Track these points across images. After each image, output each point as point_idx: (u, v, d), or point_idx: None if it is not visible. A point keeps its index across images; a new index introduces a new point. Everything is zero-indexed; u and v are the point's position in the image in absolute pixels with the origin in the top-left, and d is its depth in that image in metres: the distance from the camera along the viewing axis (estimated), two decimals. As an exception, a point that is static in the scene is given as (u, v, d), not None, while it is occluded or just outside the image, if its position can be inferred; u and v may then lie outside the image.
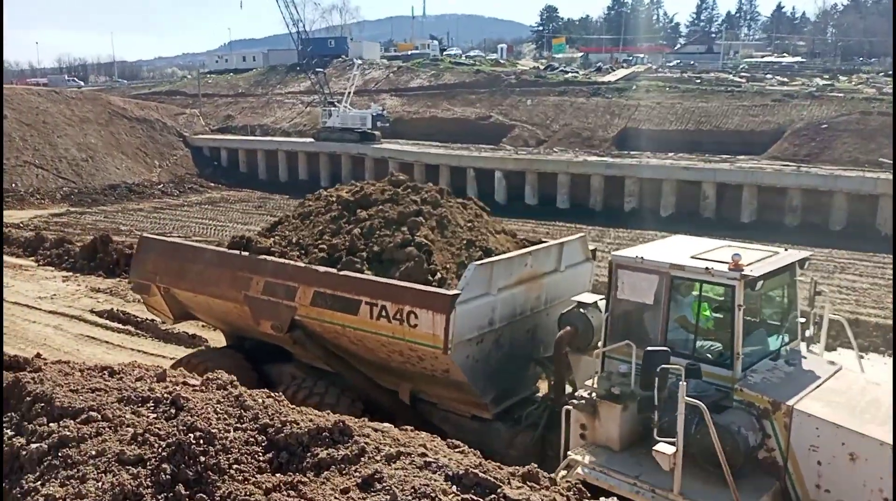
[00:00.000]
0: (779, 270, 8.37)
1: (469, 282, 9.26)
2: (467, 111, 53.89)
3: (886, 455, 6.83)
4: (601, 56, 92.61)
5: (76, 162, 45.80)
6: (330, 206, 11.95)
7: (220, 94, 69.46)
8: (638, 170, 38.64)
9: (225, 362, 11.50)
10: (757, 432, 7.49)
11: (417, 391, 10.61)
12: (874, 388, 8.13)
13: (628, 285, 8.30)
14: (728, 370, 7.83)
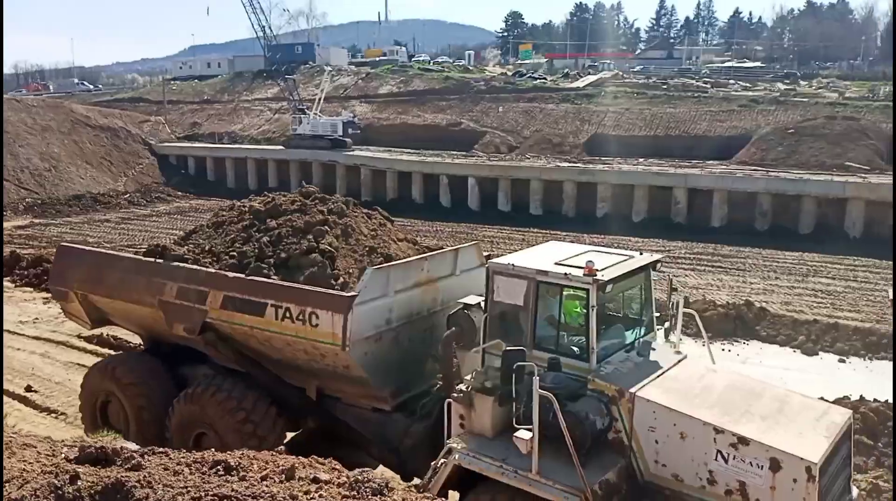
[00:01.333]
0: (630, 272, 9.34)
1: (367, 285, 10.02)
2: (438, 118, 53.82)
3: (709, 433, 7.91)
4: (566, 62, 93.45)
5: (39, 172, 44.68)
6: (242, 216, 12.66)
7: (185, 100, 68.37)
8: (610, 176, 39.02)
9: (142, 365, 12.50)
10: (605, 417, 8.43)
11: (323, 388, 11.26)
12: (711, 375, 9.27)
13: (502, 288, 9.25)
14: (585, 363, 8.78)
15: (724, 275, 27.55)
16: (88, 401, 12.79)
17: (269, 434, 11.01)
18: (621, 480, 8.33)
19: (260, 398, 11.11)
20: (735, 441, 7.79)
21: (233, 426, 10.89)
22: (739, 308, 21.64)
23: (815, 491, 7.42)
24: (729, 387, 8.90)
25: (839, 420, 8.47)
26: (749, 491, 7.76)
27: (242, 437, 10.74)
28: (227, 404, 10.97)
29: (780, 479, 7.57)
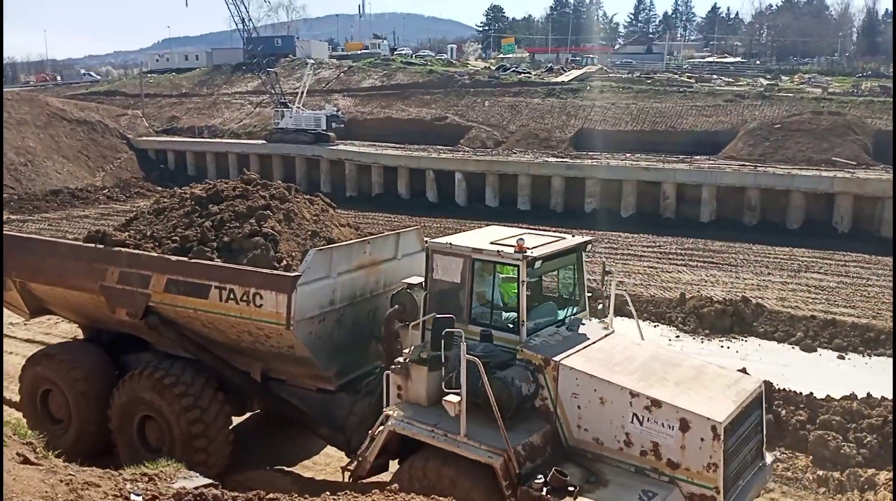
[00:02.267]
0: (560, 252, 9.93)
1: (310, 266, 10.24)
2: (422, 112, 53.26)
3: (625, 397, 8.48)
4: (548, 56, 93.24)
5: (14, 167, 43.42)
6: (184, 202, 12.82)
7: (162, 94, 67.12)
8: (598, 171, 38.76)
9: (85, 354, 12.46)
10: (531, 384, 8.92)
11: (268, 370, 11.50)
12: (635, 348, 9.93)
13: (441, 267, 9.76)
14: (516, 335, 9.31)
15: (716, 271, 27.43)
16: (28, 391, 12.66)
17: (216, 420, 11.15)
18: (545, 443, 8.83)
19: (207, 383, 11.23)
20: (649, 404, 8.35)
21: (179, 410, 10.95)
22: (736, 305, 21.49)
23: (721, 449, 7.99)
24: (650, 358, 9.56)
25: (749, 388, 9.16)
26: (661, 451, 8.32)
27: (188, 422, 10.89)
28: (174, 388, 11.00)
29: (689, 438, 8.14)
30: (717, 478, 8.05)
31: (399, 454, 9.43)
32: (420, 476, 8.78)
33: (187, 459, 10.12)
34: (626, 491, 8.25)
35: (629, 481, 8.42)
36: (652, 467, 8.43)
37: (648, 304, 22.48)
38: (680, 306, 22.23)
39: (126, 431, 11.60)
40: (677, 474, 8.27)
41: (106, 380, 11.97)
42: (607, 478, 8.50)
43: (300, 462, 12.67)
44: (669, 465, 8.32)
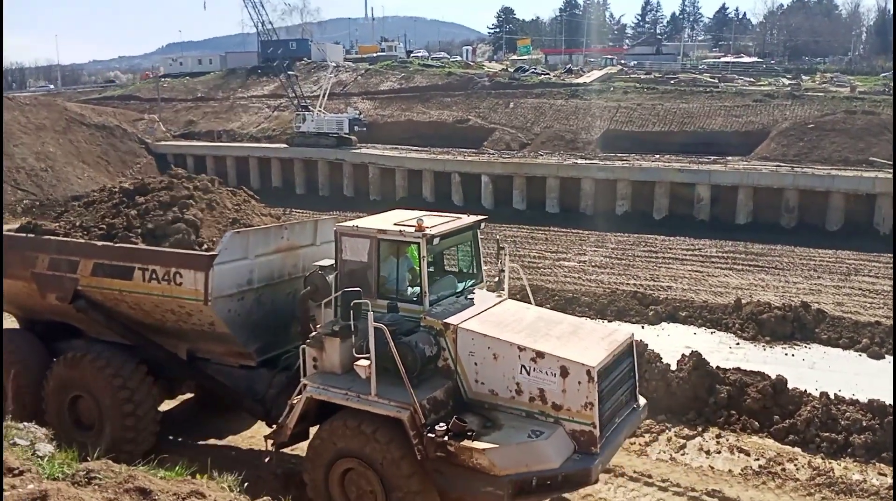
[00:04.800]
0: (456, 230, 10.84)
1: (226, 247, 10.98)
2: (444, 114, 52.69)
3: (514, 351, 9.50)
4: (561, 58, 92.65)
5: (35, 172, 43.01)
6: (112, 196, 13.76)
7: (177, 98, 66.62)
8: (630, 172, 38.14)
9: (18, 340, 13.08)
10: (433, 346, 9.83)
11: (194, 350, 12.22)
12: (524, 311, 11.06)
13: (349, 248, 10.50)
14: (419, 306, 10.19)
15: (763, 275, 26.77)
16: None
17: (145, 400, 11.87)
18: (447, 397, 9.77)
19: (136, 365, 11.92)
20: (534, 356, 9.39)
21: (109, 391, 11.62)
22: (796, 310, 20.78)
23: (595, 390, 9.10)
24: (536, 319, 10.69)
25: (620, 339, 10.34)
26: (546, 396, 9.38)
27: (119, 402, 11.57)
28: (105, 370, 11.70)
29: (569, 382, 9.22)
30: (593, 415, 9.18)
31: (317, 421, 10.25)
32: (339, 435, 9.70)
33: (117, 437, 11.47)
34: (518, 432, 9.31)
35: (520, 424, 9.46)
36: (539, 410, 9.47)
37: (703, 310, 21.78)
38: (736, 312, 21.52)
39: (58, 411, 12.24)
40: (560, 414, 9.36)
41: (39, 365, 12.57)
42: (502, 423, 9.53)
43: (229, 435, 13.54)
44: (554, 407, 9.38)
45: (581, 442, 9.25)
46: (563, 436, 9.26)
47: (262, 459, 10.80)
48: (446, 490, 9.42)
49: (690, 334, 20.53)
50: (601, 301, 22.21)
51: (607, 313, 21.63)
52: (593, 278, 25.92)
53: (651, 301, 22.40)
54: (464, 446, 9.07)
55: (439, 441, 9.08)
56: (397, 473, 9.38)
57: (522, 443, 9.12)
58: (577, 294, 22.94)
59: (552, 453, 9.08)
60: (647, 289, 24.28)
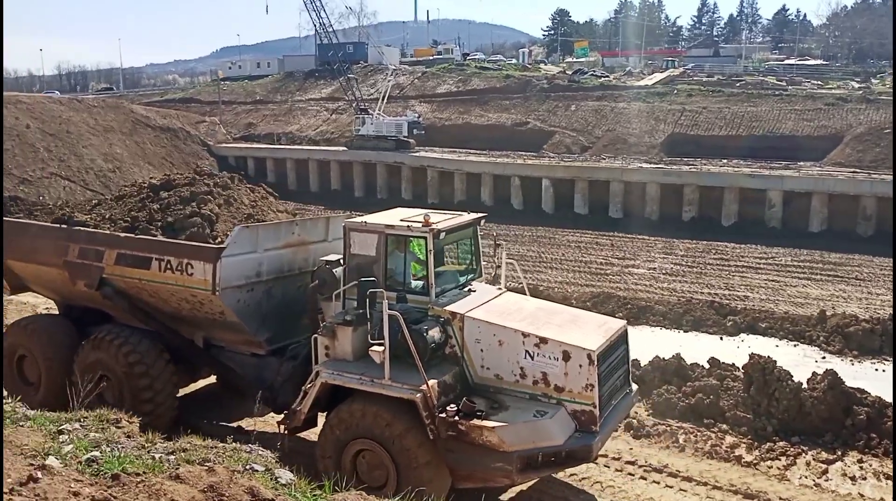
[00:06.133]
0: (460, 226, 11.35)
1: (235, 240, 11.55)
2: (502, 117, 52.27)
3: (519, 338, 10.08)
4: (618, 60, 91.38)
5: (103, 173, 43.99)
6: (141, 190, 14.72)
7: (237, 101, 67.63)
8: (698, 177, 37.18)
9: (54, 325, 14.15)
10: (441, 334, 10.33)
11: (209, 338, 12.83)
12: (524, 302, 11.69)
13: (358, 242, 10.95)
14: (426, 297, 10.65)
15: (844, 285, 25.68)
16: (6, 357, 14.00)
17: (164, 383, 12.47)
18: (455, 382, 10.30)
19: (154, 345, 12.55)
20: (538, 342, 9.96)
21: (127, 368, 12.25)
22: (885, 324, 19.78)
23: (595, 372, 9.68)
24: (536, 309, 11.33)
25: (615, 326, 10.99)
26: (549, 379, 9.93)
27: (136, 378, 12.20)
28: (123, 348, 12.36)
29: (571, 366, 9.78)
30: (593, 396, 9.74)
31: (327, 407, 10.73)
32: (351, 417, 10.13)
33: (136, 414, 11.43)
34: (523, 412, 9.87)
35: (525, 405, 10.01)
36: (543, 393, 10.02)
37: (784, 321, 20.88)
38: (820, 324, 20.59)
39: (84, 391, 12.60)
40: (563, 396, 9.90)
41: (71, 348, 13.23)
42: (508, 404, 10.07)
43: (241, 419, 13.89)
44: (556, 389, 9.92)
45: (582, 421, 9.87)
46: (566, 416, 9.86)
47: (276, 442, 10.81)
48: (457, 467, 9.95)
49: (772, 346, 19.67)
50: (676, 310, 21.50)
51: (683, 323, 20.92)
52: (665, 287, 25.20)
53: (728, 311, 21.60)
54: (474, 424, 9.62)
55: (450, 421, 9.65)
56: (409, 452, 9.84)
57: (529, 421, 9.73)
58: (650, 303, 22.30)
59: (556, 430, 9.69)
60: (722, 298, 23.48)
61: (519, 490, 11.37)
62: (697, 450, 12.82)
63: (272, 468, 5.77)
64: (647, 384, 15.05)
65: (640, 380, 15.12)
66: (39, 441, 5.15)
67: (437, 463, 9.90)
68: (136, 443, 5.56)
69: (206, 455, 5.51)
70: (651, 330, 20.69)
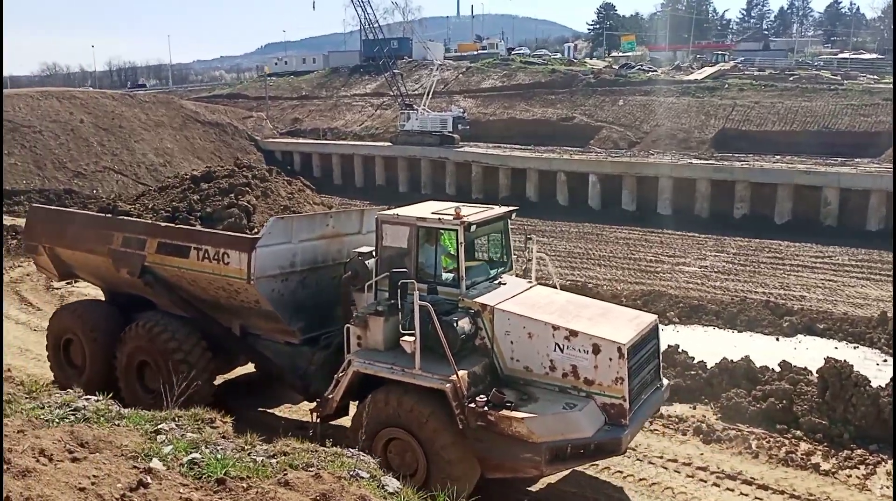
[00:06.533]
0: (490, 219, 11.44)
1: (269, 231, 11.79)
2: (547, 112, 51.83)
3: (549, 330, 10.06)
4: (665, 54, 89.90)
5: (154, 167, 44.81)
6: (183, 182, 15.24)
7: (283, 96, 68.33)
8: (750, 174, 36.29)
9: (100, 311, 14.62)
10: (471, 325, 10.44)
11: (246, 326, 13.08)
12: (555, 294, 11.73)
13: (390, 235, 11.10)
14: (456, 289, 10.74)
15: (907, 286, 24.78)
16: (53, 340, 14.72)
17: (198, 362, 12.71)
18: (485, 373, 10.36)
19: (192, 333, 12.88)
20: (568, 335, 9.95)
21: (166, 354, 12.61)
22: (951, 326, 19.05)
23: (625, 366, 9.65)
24: (566, 302, 11.32)
25: (647, 320, 10.88)
26: (579, 372, 9.93)
27: (174, 364, 12.44)
28: (163, 335, 12.75)
29: (601, 359, 9.77)
30: (623, 389, 9.70)
31: (358, 396, 10.85)
32: (382, 406, 10.23)
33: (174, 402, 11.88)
34: (553, 404, 9.86)
35: (555, 397, 10.00)
36: (572, 386, 10.00)
37: (843, 323, 20.23)
38: (881, 326, 19.91)
39: (127, 375, 13.34)
40: (592, 389, 9.88)
41: (115, 333, 13.64)
42: (537, 396, 10.08)
43: (278, 406, 14.49)
44: (586, 382, 9.91)
45: (611, 415, 9.83)
46: (595, 409, 9.85)
47: (307, 430, 10.97)
48: (487, 457, 9.98)
49: (831, 348, 19.08)
50: (730, 310, 21.00)
51: (737, 322, 20.42)
52: (718, 285, 24.66)
53: (785, 312, 21.01)
54: (503, 415, 9.66)
55: (480, 411, 9.69)
56: (439, 442, 9.93)
57: (558, 413, 9.73)
58: (703, 301, 21.84)
59: (586, 423, 9.69)
60: (778, 298, 22.88)
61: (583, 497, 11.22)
62: (772, 457, 12.38)
63: (377, 475, 5.71)
64: (714, 387, 14.72)
65: (707, 383, 14.87)
66: (138, 441, 5.16)
67: (466, 453, 9.98)
68: (235, 445, 5.53)
69: (308, 460, 5.46)
70: (704, 330, 20.25)
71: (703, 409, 14.24)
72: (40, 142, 42.40)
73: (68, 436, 4.71)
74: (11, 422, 5.00)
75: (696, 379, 15.05)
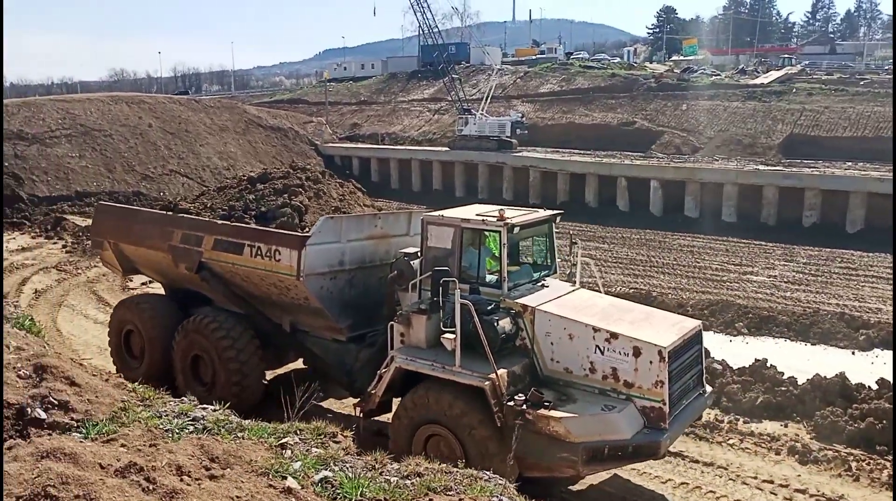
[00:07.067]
0: (534, 222, 11.60)
1: (319, 230, 12.13)
2: (608, 117, 51.16)
3: (589, 332, 10.15)
4: (727, 58, 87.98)
5: (218, 170, 45.78)
6: (240, 183, 16.01)
7: (342, 102, 69.12)
8: (820, 180, 35.10)
9: (159, 305, 15.21)
10: (512, 325, 10.60)
11: (296, 322, 13.39)
12: (598, 298, 11.85)
13: (434, 235, 11.35)
14: (499, 290, 10.93)
15: None
16: (115, 330, 15.27)
17: (248, 357, 13.17)
18: (525, 373, 10.50)
19: (245, 329, 13.28)
20: (608, 337, 10.01)
21: (219, 350, 13.04)
22: None
23: (666, 369, 9.62)
24: (609, 305, 11.41)
25: (690, 326, 10.89)
26: (619, 374, 9.96)
27: (227, 363, 12.97)
28: (216, 331, 13.17)
29: (641, 362, 9.78)
30: (663, 393, 9.69)
31: (400, 392, 11.04)
32: (422, 402, 10.44)
33: (225, 393, 12.43)
34: (591, 405, 9.95)
35: (594, 399, 10.08)
36: (612, 388, 10.04)
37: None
38: (965, 340, 18.97)
39: (182, 367, 13.79)
40: (632, 392, 9.89)
41: (173, 327, 14.09)
42: (576, 398, 10.18)
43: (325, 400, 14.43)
44: (626, 385, 9.94)
45: (651, 418, 9.81)
46: (634, 411, 9.84)
47: (353, 424, 11.05)
48: (524, 456, 10.00)
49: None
50: (802, 321, 20.32)
51: (810, 335, 19.73)
52: (788, 296, 23.86)
53: (860, 324, 20.21)
54: (541, 414, 9.76)
55: (518, 410, 9.82)
56: (477, 439, 10.06)
57: (596, 414, 9.79)
58: (773, 312, 21.17)
59: (624, 425, 9.69)
60: (852, 310, 22.01)
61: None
62: (874, 480, 11.75)
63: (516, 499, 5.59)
64: (806, 404, 14.15)
65: (799, 400, 14.35)
66: (265, 456, 5.14)
67: (502, 450, 10.03)
68: (364, 463, 5.46)
69: (446, 483, 5.35)
70: (775, 341, 19.64)
71: (794, 427, 13.68)
72: (111, 145, 43.80)
73: (199, 451, 4.72)
74: (132, 432, 5.03)
75: (786, 396, 14.50)
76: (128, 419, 5.55)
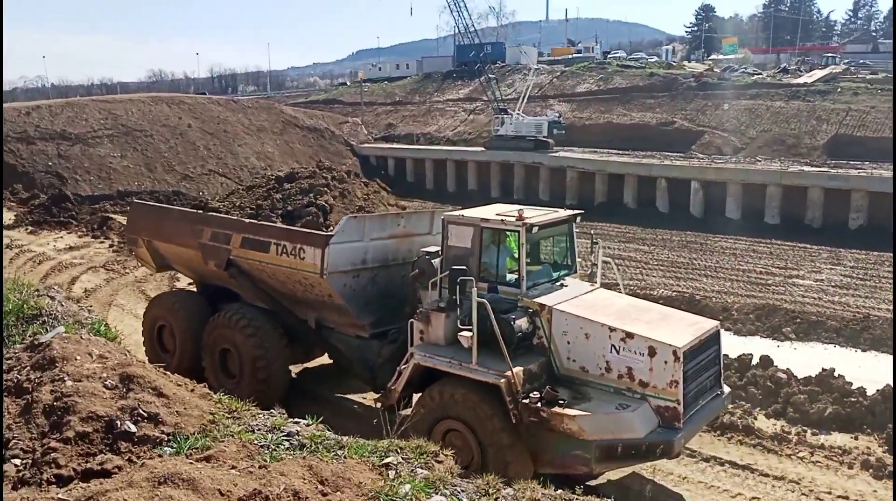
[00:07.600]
0: (554, 222, 11.65)
1: (342, 229, 12.36)
2: (646, 117, 50.48)
3: (605, 332, 10.21)
4: (767, 57, 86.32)
5: (256, 170, 46.09)
6: (268, 182, 16.61)
7: (377, 102, 69.28)
8: (868, 182, 34.19)
9: (191, 300, 15.57)
10: (529, 324, 10.74)
11: (321, 319, 13.56)
12: (616, 298, 11.97)
13: (455, 235, 11.49)
14: (517, 289, 11.04)
15: None
16: (148, 326, 15.65)
17: (278, 358, 13.50)
18: (541, 371, 10.61)
19: (272, 325, 13.59)
20: (624, 336, 10.07)
21: (245, 342, 13.36)
22: None
23: (681, 369, 9.67)
24: (627, 305, 11.47)
25: (707, 326, 10.88)
26: (634, 374, 10.01)
27: (254, 357, 13.25)
28: (244, 326, 13.47)
29: (656, 362, 9.83)
30: (678, 393, 9.73)
31: (419, 388, 11.22)
32: (440, 398, 10.59)
33: (251, 386, 12.92)
34: (606, 404, 10.02)
35: (609, 398, 10.15)
36: (627, 387, 10.10)
37: None
38: None
39: (211, 360, 14.15)
40: (647, 391, 9.95)
41: (203, 322, 14.41)
42: (591, 396, 10.25)
43: (349, 392, 14.98)
44: (641, 385, 9.99)
45: (665, 417, 9.86)
46: (649, 410, 9.88)
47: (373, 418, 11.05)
48: (538, 452, 10.21)
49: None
50: (852, 327, 19.74)
51: (860, 340, 19.16)
52: (837, 300, 23.22)
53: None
54: (556, 412, 9.86)
55: (533, 407, 9.95)
56: (493, 435, 10.18)
57: (610, 413, 9.86)
58: (822, 317, 20.59)
59: (638, 424, 9.74)
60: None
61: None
62: None
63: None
64: (877, 416, 13.66)
65: (869, 411, 13.86)
66: (371, 476, 5.03)
67: (519, 447, 10.21)
68: (475, 487, 5.32)
69: None
70: (823, 347, 19.10)
71: (865, 440, 13.18)
72: (151, 145, 44.43)
73: (308, 472, 4.62)
74: (228, 448, 4.94)
75: (855, 407, 13.99)
76: (219, 433, 5.44)
